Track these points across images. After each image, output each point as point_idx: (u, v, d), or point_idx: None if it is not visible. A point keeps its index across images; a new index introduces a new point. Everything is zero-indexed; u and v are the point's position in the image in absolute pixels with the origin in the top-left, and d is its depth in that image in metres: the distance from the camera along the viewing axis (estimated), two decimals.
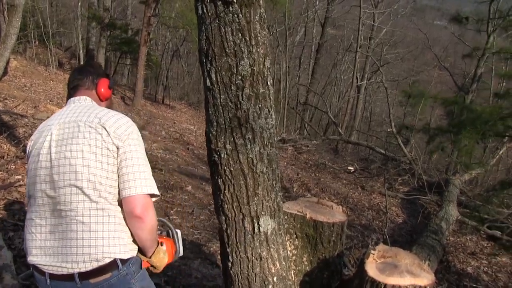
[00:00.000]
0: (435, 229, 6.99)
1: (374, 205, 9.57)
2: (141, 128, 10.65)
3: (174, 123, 13.28)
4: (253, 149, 2.35)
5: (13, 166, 5.34)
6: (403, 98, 26.10)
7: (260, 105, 2.34)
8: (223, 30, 2.24)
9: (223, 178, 2.38)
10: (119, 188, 1.88)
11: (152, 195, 1.95)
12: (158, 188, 6.68)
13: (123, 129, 1.92)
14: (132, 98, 14.27)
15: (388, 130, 13.39)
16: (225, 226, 2.46)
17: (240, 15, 2.24)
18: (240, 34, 2.25)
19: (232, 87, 2.29)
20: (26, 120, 7.81)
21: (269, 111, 2.40)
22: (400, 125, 14.16)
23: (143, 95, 15.10)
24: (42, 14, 16.74)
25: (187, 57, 24.07)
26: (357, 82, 20.24)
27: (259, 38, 2.31)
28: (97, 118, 1.92)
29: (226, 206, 2.41)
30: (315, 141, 15.16)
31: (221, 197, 2.41)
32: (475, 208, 8.89)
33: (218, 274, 4.43)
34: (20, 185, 4.94)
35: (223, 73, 2.28)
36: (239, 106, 2.31)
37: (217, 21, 2.24)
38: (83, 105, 2.06)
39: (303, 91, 23.29)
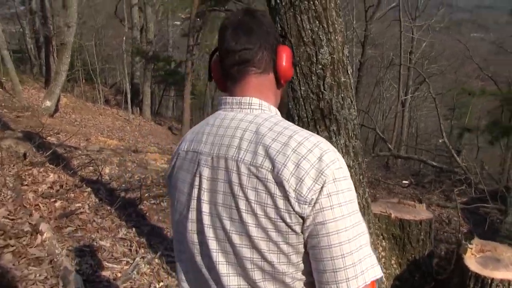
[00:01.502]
0: (507, 234, 6.61)
1: (435, 216, 9.17)
2: None
3: None
4: (338, 141, 2.23)
5: (72, 195, 5.39)
6: (448, 110, 25.91)
7: (342, 95, 2.23)
8: (299, 18, 2.16)
9: None
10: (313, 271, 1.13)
11: None
12: None
13: (310, 180, 1.05)
14: (180, 128, 14.42)
15: (440, 141, 12.94)
16: None
17: (316, 1, 2.16)
18: (317, 22, 2.16)
19: (313, 77, 2.19)
20: (80, 151, 7.98)
21: (351, 101, 2.29)
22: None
23: (190, 125, 15.28)
24: (88, 52, 17.40)
25: None
26: (403, 96, 19.87)
27: (336, 25, 2.22)
28: (268, 159, 1.07)
29: None
30: (365, 159, 14.76)
31: None
32: None
33: None
34: (81, 212, 4.96)
35: (302, 63, 2.19)
36: (321, 96, 2.20)
37: (292, 10, 2.17)
38: (249, 120, 1.17)
39: None
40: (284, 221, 1.05)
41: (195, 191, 1.18)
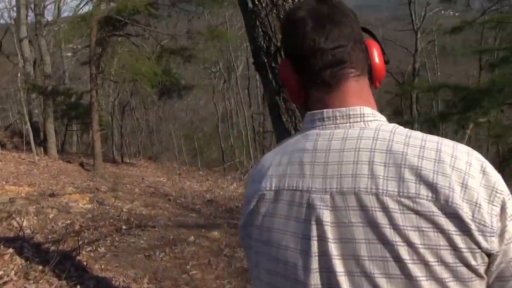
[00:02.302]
0: None
1: None
2: (111, 190, 9.97)
3: (143, 179, 12.62)
4: None
5: None
6: None
7: None
8: None
9: None
10: None
11: None
12: (159, 246, 5.87)
13: (485, 202, 0.78)
14: (92, 163, 13.47)
15: None
16: None
17: None
18: None
19: None
20: None
21: None
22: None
23: (102, 158, 14.30)
24: None
25: (136, 111, 23.44)
26: None
27: None
28: (424, 184, 0.78)
29: None
30: None
31: None
32: None
33: None
34: (5, 282, 4.20)
35: None
36: None
37: (275, 11, 1.88)
38: (370, 136, 0.85)
39: (258, 120, 23.20)
40: (466, 264, 0.76)
41: (315, 244, 0.82)
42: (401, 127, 0.88)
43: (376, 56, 0.98)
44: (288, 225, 0.86)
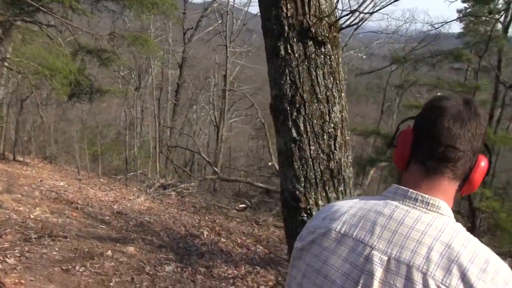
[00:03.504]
0: None
1: (283, 238, 9.61)
2: (7, 191, 9.22)
3: (41, 181, 11.77)
4: None
5: None
6: (255, 130, 28.10)
7: (347, 153, 2.15)
8: (314, 73, 2.02)
9: None
10: None
11: None
12: (74, 259, 5.64)
13: None
14: None
15: (270, 163, 13.72)
16: None
17: (333, 56, 2.04)
18: (332, 78, 2.05)
19: (325, 136, 2.06)
20: None
21: (351, 158, 2.22)
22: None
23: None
24: None
25: (38, 107, 21.69)
26: (222, 119, 20.67)
27: (343, 82, 2.13)
28: (463, 284, 0.94)
29: None
30: (193, 183, 14.87)
31: None
32: None
33: None
34: None
35: (315, 121, 2.04)
36: (332, 156, 2.08)
37: (306, 63, 2.01)
38: (438, 228, 1.01)
39: (165, 133, 22.81)
40: None
41: None
42: (464, 229, 1.03)
43: (479, 173, 1.11)
44: (343, 266, 1.04)
